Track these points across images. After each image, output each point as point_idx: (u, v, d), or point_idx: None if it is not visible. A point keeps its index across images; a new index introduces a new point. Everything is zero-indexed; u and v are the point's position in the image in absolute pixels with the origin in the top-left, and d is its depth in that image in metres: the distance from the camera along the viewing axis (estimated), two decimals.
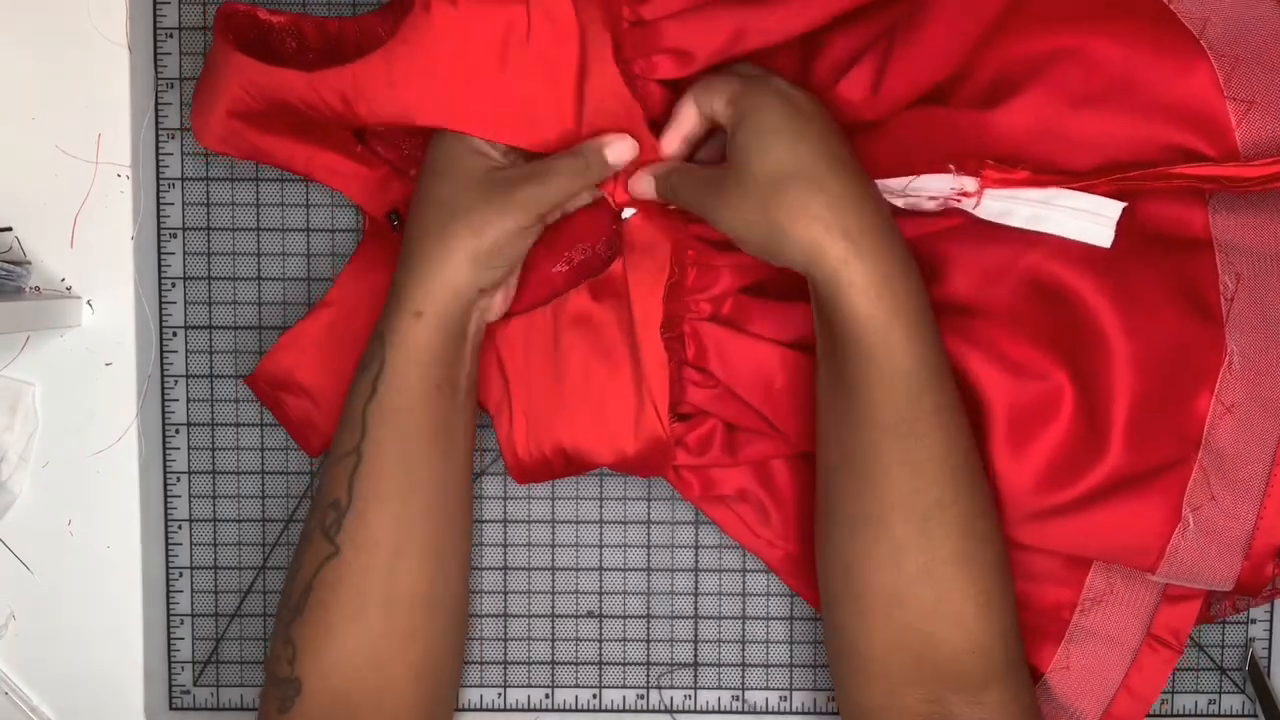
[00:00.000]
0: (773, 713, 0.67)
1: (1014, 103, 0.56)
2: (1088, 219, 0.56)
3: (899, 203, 0.57)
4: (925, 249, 0.59)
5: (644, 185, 0.59)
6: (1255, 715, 0.65)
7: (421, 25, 0.57)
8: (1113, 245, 0.56)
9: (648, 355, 0.60)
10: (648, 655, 0.66)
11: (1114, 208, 0.55)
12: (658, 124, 0.60)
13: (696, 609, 0.66)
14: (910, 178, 0.57)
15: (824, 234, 0.53)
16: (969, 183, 0.56)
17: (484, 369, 0.62)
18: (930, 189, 0.57)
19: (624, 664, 0.66)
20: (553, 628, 0.66)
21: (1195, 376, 0.56)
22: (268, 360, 0.63)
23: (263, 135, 0.60)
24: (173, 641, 0.66)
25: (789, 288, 0.61)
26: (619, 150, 0.58)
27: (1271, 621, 0.65)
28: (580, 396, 0.61)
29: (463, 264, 0.56)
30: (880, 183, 0.57)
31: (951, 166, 0.56)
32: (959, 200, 0.56)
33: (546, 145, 0.59)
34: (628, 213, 0.60)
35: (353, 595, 0.56)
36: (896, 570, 0.54)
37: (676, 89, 0.59)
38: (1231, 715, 0.66)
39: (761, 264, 0.59)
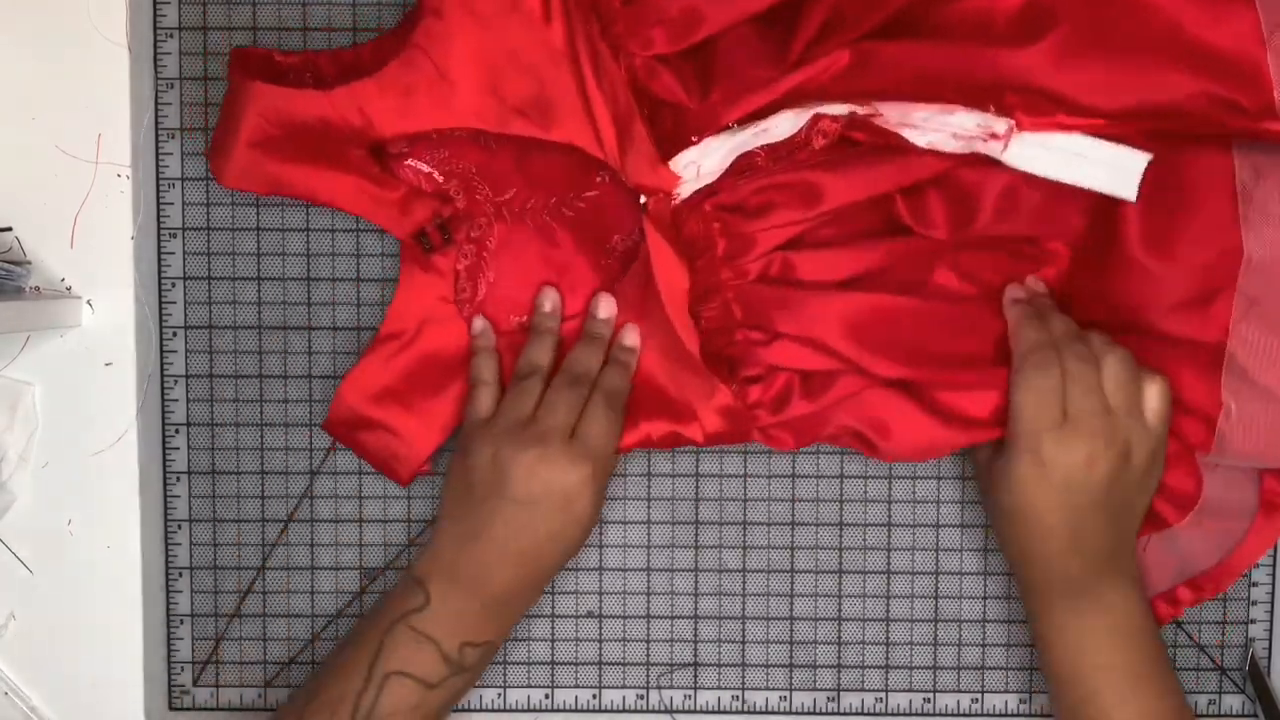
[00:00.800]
0: (773, 713, 0.67)
1: (1048, 37, 0.56)
2: (1113, 170, 0.56)
3: (919, 140, 0.57)
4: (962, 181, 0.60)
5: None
6: (1255, 715, 0.65)
7: (435, 31, 0.57)
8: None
9: (682, 330, 0.60)
10: (648, 655, 0.66)
11: (1139, 160, 0.56)
12: (669, 106, 0.59)
13: (696, 609, 0.66)
14: (933, 110, 0.56)
15: (1029, 565, 0.60)
16: (999, 124, 0.56)
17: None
18: (956, 125, 0.56)
19: (624, 664, 0.66)
20: (553, 628, 0.66)
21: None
22: (337, 404, 0.63)
23: (282, 165, 0.60)
24: (172, 642, 0.66)
25: (830, 235, 0.61)
26: (629, 335, 0.63)
27: (1271, 621, 0.65)
28: (653, 385, 0.62)
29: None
30: (899, 112, 0.56)
31: (991, 107, 0.56)
32: (985, 141, 0.56)
33: (567, 138, 0.59)
34: (645, 198, 0.60)
35: None
36: None
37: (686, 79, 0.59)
38: (1231, 715, 0.66)
39: (796, 220, 0.59)
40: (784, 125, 0.57)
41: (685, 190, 0.59)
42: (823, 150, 0.58)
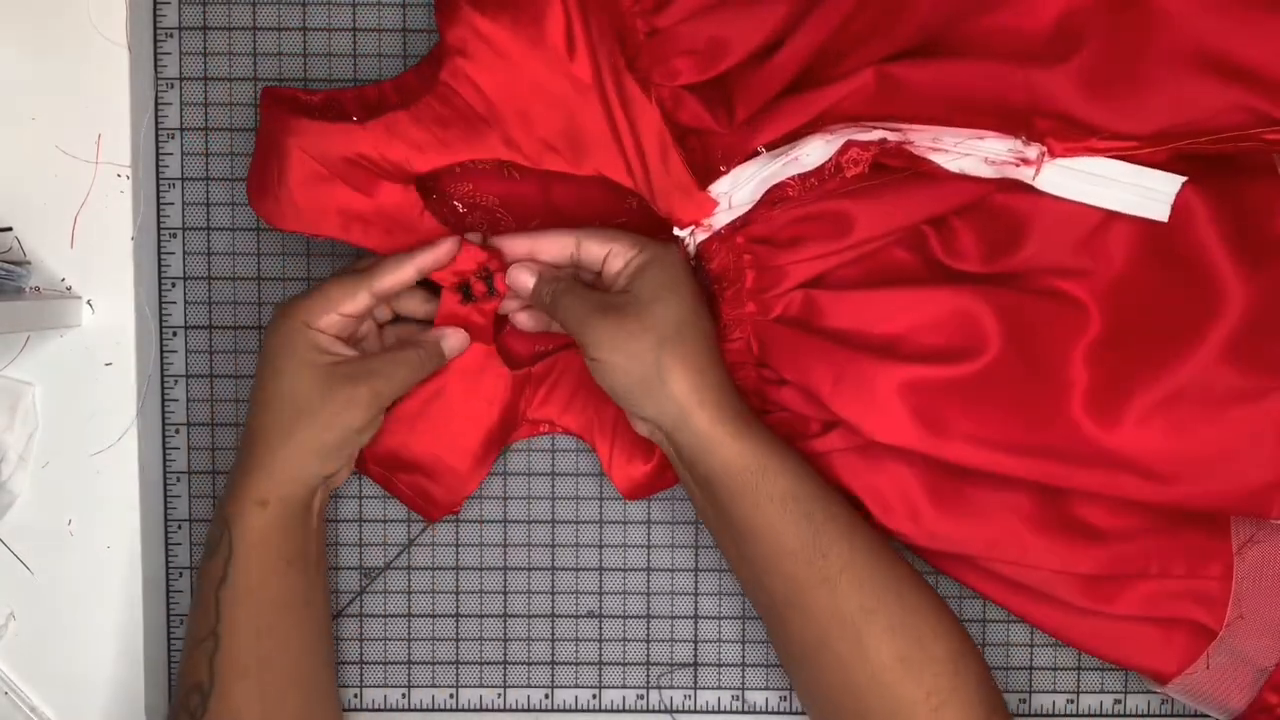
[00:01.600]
0: (773, 713, 0.67)
1: (1077, 56, 0.56)
2: (1144, 193, 0.56)
3: (951, 165, 0.56)
4: (995, 209, 0.58)
5: (522, 279, 0.60)
6: None
7: (460, 69, 0.57)
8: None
9: None
10: (648, 655, 0.66)
11: (1172, 183, 0.55)
12: (696, 133, 0.59)
13: (696, 609, 0.66)
14: (965, 134, 0.56)
15: (703, 387, 0.56)
16: (1030, 150, 0.56)
17: (568, 395, 0.64)
18: (988, 150, 0.56)
19: (624, 664, 0.66)
20: (553, 628, 0.66)
21: None
22: (372, 445, 0.63)
23: (333, 203, 0.59)
24: (173, 641, 0.66)
25: (855, 275, 0.60)
26: (454, 344, 0.61)
27: None
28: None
29: (309, 458, 0.58)
30: (930, 136, 0.56)
31: (1024, 136, 0.56)
32: (1016, 166, 0.56)
33: (597, 170, 0.59)
34: (678, 230, 0.60)
35: None
36: (849, 688, 0.56)
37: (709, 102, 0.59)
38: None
39: (826, 252, 0.59)
40: (815, 153, 0.57)
41: (718, 221, 0.59)
42: (853, 179, 0.57)
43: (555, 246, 0.60)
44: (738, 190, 0.58)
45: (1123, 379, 0.56)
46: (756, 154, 0.58)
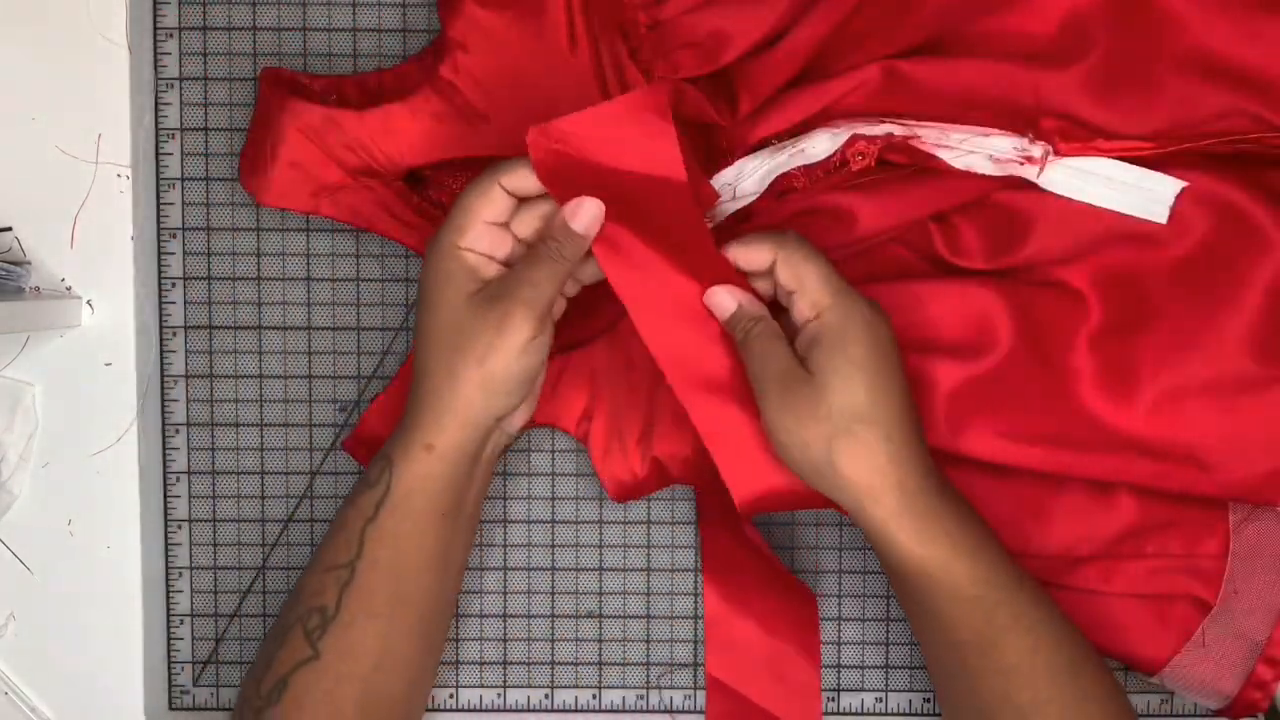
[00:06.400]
0: None
1: (1084, 60, 0.56)
2: (1145, 195, 0.56)
3: (956, 162, 0.56)
4: (998, 206, 0.58)
5: (724, 303, 0.55)
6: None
7: (462, 64, 0.57)
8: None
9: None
10: (648, 655, 0.66)
11: (1172, 186, 0.56)
12: (697, 125, 0.59)
13: (696, 609, 0.66)
14: (971, 131, 0.56)
15: (880, 485, 0.53)
16: (1035, 149, 0.56)
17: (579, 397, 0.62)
18: (993, 148, 0.56)
19: (624, 664, 0.66)
20: (553, 628, 0.66)
21: None
22: (362, 426, 0.63)
23: (323, 184, 0.60)
24: (172, 642, 0.66)
25: (855, 275, 0.59)
26: (584, 217, 0.54)
27: None
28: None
29: (474, 397, 0.54)
30: (937, 132, 0.56)
31: (1030, 135, 0.56)
32: (1021, 164, 0.56)
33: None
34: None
35: (327, 702, 0.55)
36: None
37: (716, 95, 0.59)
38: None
39: (828, 248, 0.57)
40: (821, 146, 0.57)
41: (722, 212, 0.59)
42: (858, 173, 0.57)
43: (753, 255, 0.55)
44: (743, 180, 0.58)
45: (1130, 365, 0.57)
46: (762, 145, 0.58)
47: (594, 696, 0.67)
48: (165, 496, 0.66)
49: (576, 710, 0.67)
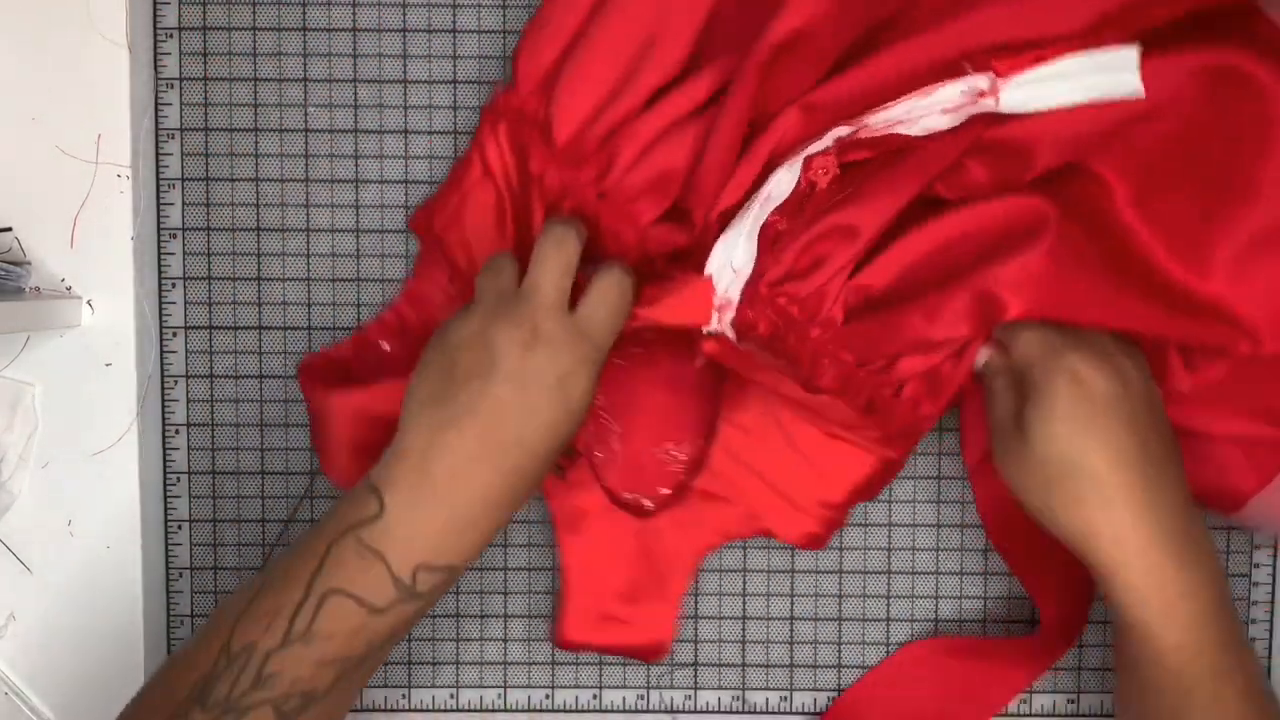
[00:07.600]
0: (773, 713, 0.67)
1: None
2: (1109, 74, 0.55)
3: (914, 131, 0.56)
4: (994, 145, 0.57)
5: (981, 358, 0.58)
6: None
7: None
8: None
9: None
10: None
11: (1128, 55, 0.55)
12: (661, 255, 0.60)
13: (696, 609, 0.66)
14: (912, 98, 0.56)
15: (1094, 536, 0.53)
16: (981, 80, 0.55)
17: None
18: (941, 101, 0.56)
19: (624, 664, 0.66)
20: (553, 628, 0.66)
21: None
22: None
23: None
24: (172, 642, 0.66)
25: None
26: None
27: (1271, 622, 0.65)
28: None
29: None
30: (881, 115, 0.56)
31: (967, 65, 0.55)
32: (975, 102, 0.55)
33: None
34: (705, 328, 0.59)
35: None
36: None
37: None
38: None
39: (850, 258, 0.58)
40: (783, 183, 0.57)
41: (733, 291, 0.58)
42: (833, 186, 0.57)
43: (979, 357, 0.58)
44: (733, 253, 0.58)
45: (1188, 229, 0.56)
46: (725, 221, 0.58)
47: (594, 696, 0.67)
48: (165, 496, 0.66)
49: (576, 710, 0.67)
